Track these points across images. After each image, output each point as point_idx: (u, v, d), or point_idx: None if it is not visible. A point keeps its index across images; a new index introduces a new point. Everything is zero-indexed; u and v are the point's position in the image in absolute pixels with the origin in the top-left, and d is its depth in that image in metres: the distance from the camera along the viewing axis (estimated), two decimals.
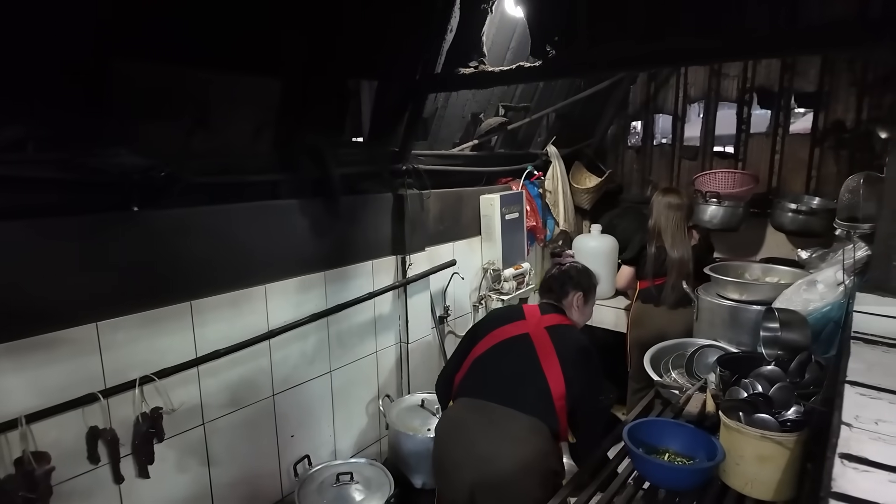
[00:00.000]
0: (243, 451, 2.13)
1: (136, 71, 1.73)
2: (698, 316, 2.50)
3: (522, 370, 1.77)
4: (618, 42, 2.00)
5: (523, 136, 3.66)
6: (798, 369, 1.68)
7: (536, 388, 1.74)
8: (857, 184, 1.63)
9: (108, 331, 1.68)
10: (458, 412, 1.84)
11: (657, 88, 4.11)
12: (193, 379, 1.93)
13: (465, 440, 1.73)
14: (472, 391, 1.83)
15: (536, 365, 1.74)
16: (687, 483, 1.49)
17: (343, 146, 2.52)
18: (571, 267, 2.12)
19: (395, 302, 2.74)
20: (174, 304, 1.85)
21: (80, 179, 1.63)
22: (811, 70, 3.47)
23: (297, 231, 2.24)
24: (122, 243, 1.70)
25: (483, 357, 1.86)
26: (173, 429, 1.85)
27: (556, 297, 2.03)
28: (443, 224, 2.95)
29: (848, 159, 3.39)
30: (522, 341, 1.82)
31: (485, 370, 1.84)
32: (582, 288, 2.05)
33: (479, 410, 1.75)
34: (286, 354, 2.25)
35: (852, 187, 1.64)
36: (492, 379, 1.80)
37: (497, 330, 1.90)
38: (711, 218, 3.46)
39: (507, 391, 1.74)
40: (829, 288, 1.88)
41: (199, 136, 1.96)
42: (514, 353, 1.81)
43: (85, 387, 1.63)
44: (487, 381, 1.81)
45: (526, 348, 1.79)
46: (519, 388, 1.75)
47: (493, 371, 1.83)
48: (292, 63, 2.10)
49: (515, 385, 1.75)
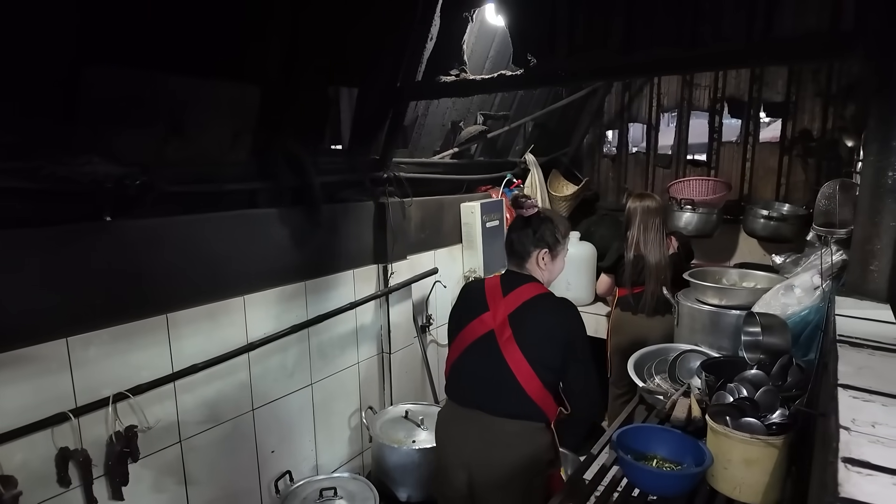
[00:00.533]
0: (222, 469, 2.06)
1: (107, 77, 1.67)
2: (679, 322, 2.53)
3: (493, 374, 1.72)
4: (598, 51, 2.03)
5: (502, 144, 3.68)
6: (780, 373, 1.71)
7: (512, 390, 1.70)
8: (832, 190, 1.67)
9: (79, 346, 1.61)
10: (449, 415, 1.83)
11: (631, 98, 4.19)
12: (170, 395, 1.85)
13: (458, 444, 1.75)
14: (457, 397, 1.81)
15: (504, 366, 1.68)
16: (677, 489, 1.49)
17: (323, 154, 2.48)
18: (534, 219, 1.79)
19: (377, 311, 2.70)
20: (149, 317, 1.78)
21: (49, 189, 1.56)
22: (779, 80, 3.59)
23: (277, 240, 2.19)
24: (93, 255, 1.64)
25: (457, 364, 1.81)
26: (149, 447, 1.78)
27: (518, 260, 1.80)
28: (424, 232, 2.93)
29: (815, 167, 3.51)
30: (488, 341, 1.73)
31: (461, 377, 1.80)
32: (546, 243, 1.78)
33: (468, 418, 1.74)
34: (266, 367, 2.19)
35: (828, 193, 1.68)
36: (471, 386, 1.76)
37: (464, 330, 1.78)
38: (686, 224, 3.52)
39: (488, 397, 1.71)
40: (806, 292, 1.92)
41: (174, 143, 1.90)
42: (483, 357, 1.74)
43: (54, 406, 1.55)
44: (468, 388, 1.77)
45: (491, 349, 1.71)
46: (498, 393, 1.71)
47: (468, 377, 1.78)
48: (270, 69, 2.06)
49: (493, 390, 1.71)
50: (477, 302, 1.79)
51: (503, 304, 1.74)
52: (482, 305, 1.77)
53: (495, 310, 1.75)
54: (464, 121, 3.22)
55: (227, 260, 2.00)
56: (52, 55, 1.53)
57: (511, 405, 1.71)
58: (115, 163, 1.64)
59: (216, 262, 1.97)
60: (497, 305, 1.75)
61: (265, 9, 1.88)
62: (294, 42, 2.05)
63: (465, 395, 1.78)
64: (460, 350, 1.79)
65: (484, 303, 1.77)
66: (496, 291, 1.77)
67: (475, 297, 1.81)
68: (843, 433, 0.78)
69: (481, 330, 1.75)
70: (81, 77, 1.60)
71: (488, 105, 3.34)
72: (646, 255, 2.97)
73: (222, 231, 1.99)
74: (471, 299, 1.83)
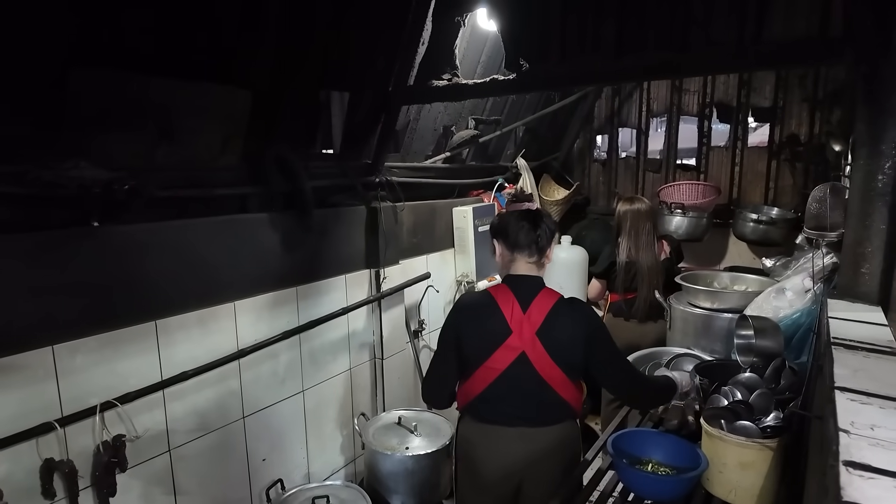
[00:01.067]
0: (212, 478, 2.02)
1: (95, 79, 1.64)
2: (671, 325, 2.54)
3: (531, 390, 1.69)
4: (589, 56, 2.04)
5: (493, 148, 3.68)
6: (773, 375, 1.72)
7: (551, 401, 1.70)
8: (823, 194, 1.69)
9: (66, 354, 1.57)
10: (483, 434, 1.73)
11: (621, 103, 4.22)
12: (159, 403, 1.82)
13: (504, 460, 1.70)
14: (492, 419, 1.71)
15: (541, 381, 1.66)
16: (673, 493, 1.49)
17: (314, 158, 2.47)
18: (540, 213, 1.75)
19: (369, 317, 2.68)
20: (138, 324, 1.75)
21: (35, 194, 1.53)
22: (766, 86, 3.63)
23: (268, 246, 2.17)
24: (80, 261, 1.60)
25: (487, 392, 1.69)
26: (137, 457, 1.74)
27: (538, 256, 1.71)
28: (416, 237, 2.92)
29: (803, 171, 3.55)
30: (521, 365, 1.65)
31: (495, 401, 1.69)
32: (554, 237, 1.76)
33: (509, 435, 1.70)
34: (257, 374, 2.16)
35: (819, 197, 1.70)
36: (508, 406, 1.69)
37: (490, 360, 1.66)
38: (677, 228, 3.55)
39: (528, 412, 1.69)
40: (797, 295, 1.94)
41: (163, 147, 1.87)
42: (518, 380, 1.67)
43: (39, 416, 1.51)
44: (506, 409, 1.69)
45: (525, 370, 1.65)
46: (537, 407, 1.70)
47: (504, 400, 1.68)
48: (261, 73, 2.05)
49: (532, 405, 1.69)
50: (494, 325, 1.65)
51: (526, 322, 1.64)
52: (503, 328, 1.65)
53: (520, 331, 1.64)
54: (455, 125, 3.22)
55: (217, 265, 1.98)
56: (38, 57, 1.51)
57: (551, 414, 1.72)
58: (103, 167, 1.61)
59: (206, 268, 1.94)
60: (521, 326, 1.64)
61: (256, 12, 1.87)
62: (285, 46, 2.03)
63: (502, 416, 1.70)
64: (489, 380, 1.67)
65: (504, 325, 1.65)
66: (514, 308, 1.65)
67: (489, 317, 1.66)
68: (842, 436, 0.78)
69: (511, 356, 1.65)
70: (68, 80, 1.58)
71: (480, 110, 3.35)
72: (638, 260, 2.96)
73: (212, 236, 1.96)
74: (485, 321, 1.67)
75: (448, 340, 1.73)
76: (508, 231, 1.71)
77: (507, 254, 1.73)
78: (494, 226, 1.80)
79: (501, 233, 1.74)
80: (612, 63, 1.98)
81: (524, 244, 1.70)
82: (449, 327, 1.74)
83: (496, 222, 1.80)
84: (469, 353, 1.69)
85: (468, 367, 1.71)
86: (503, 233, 1.73)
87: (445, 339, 1.74)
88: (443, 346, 1.75)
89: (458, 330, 1.71)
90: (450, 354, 1.72)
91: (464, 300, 1.84)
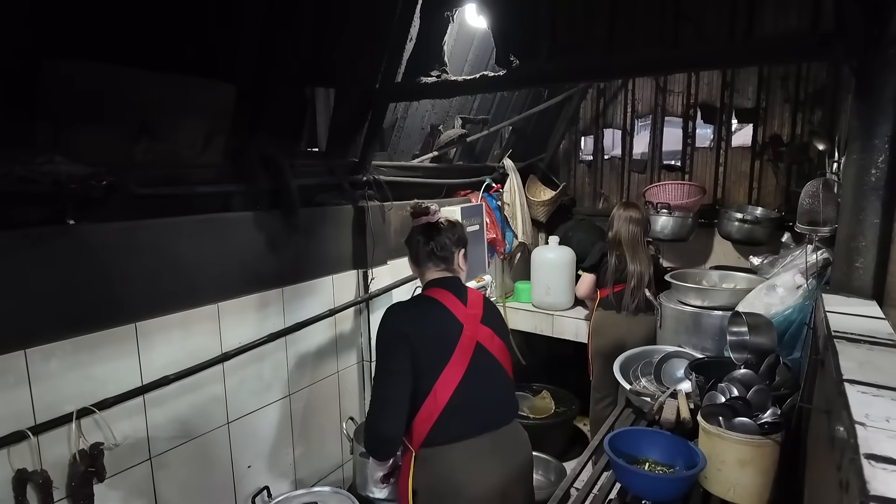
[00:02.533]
0: (195, 487, 1.94)
1: (69, 70, 1.57)
2: (662, 324, 2.53)
3: (495, 383, 1.68)
4: (580, 52, 2.02)
5: (481, 149, 3.66)
6: (767, 372, 1.71)
7: (510, 388, 1.73)
8: (816, 189, 1.69)
9: (39, 359, 1.49)
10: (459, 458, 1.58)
11: (606, 104, 4.23)
12: (139, 409, 1.74)
13: (486, 479, 1.58)
14: (463, 433, 1.59)
15: (500, 368, 1.68)
16: (672, 492, 1.46)
17: (300, 156, 2.41)
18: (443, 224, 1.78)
19: (357, 318, 2.62)
20: (116, 326, 1.68)
21: (6, 190, 1.45)
22: (749, 87, 3.67)
23: (252, 245, 2.10)
24: (55, 260, 1.52)
25: (454, 400, 1.57)
26: (116, 466, 1.66)
27: (445, 264, 1.72)
28: (404, 236, 2.85)
29: (786, 171, 3.59)
30: (480, 356, 1.63)
31: (463, 410, 1.59)
32: (463, 243, 1.78)
33: (484, 448, 1.60)
34: (241, 378, 2.09)
35: (812, 192, 1.70)
36: (477, 412, 1.62)
37: (451, 361, 1.57)
38: (663, 228, 3.55)
39: (495, 411, 1.66)
40: (788, 291, 1.94)
41: (143, 143, 1.80)
42: (481, 374, 1.62)
43: (11, 424, 1.43)
44: (475, 416, 1.61)
45: (485, 360, 1.65)
46: (501, 400, 1.69)
47: (473, 406, 1.61)
48: (245, 66, 1.99)
49: (497, 400, 1.67)
50: (446, 323, 1.61)
51: (470, 313, 1.66)
52: (455, 324, 1.61)
53: (469, 323, 1.63)
54: (443, 124, 3.19)
55: (200, 265, 1.91)
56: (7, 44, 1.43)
57: (512, 405, 1.73)
58: (78, 162, 1.54)
59: (188, 269, 1.87)
60: (467, 318, 1.64)
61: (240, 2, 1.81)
62: (269, 39, 1.98)
63: (471, 424, 1.60)
64: (453, 386, 1.57)
65: (455, 321, 1.61)
66: (455, 304, 1.64)
67: (438, 317, 1.62)
68: (859, 429, 0.76)
69: (469, 351, 1.60)
70: (41, 70, 1.50)
71: (467, 109, 3.32)
72: (629, 260, 3.00)
73: (195, 236, 1.90)
74: (436, 321, 1.62)
75: (402, 351, 1.53)
76: (411, 247, 1.79)
77: (415, 267, 1.80)
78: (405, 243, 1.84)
79: (408, 246, 1.82)
80: (603, 59, 1.97)
81: (423, 258, 1.75)
82: (396, 337, 1.55)
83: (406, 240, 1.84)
84: (425, 363, 1.55)
85: (426, 378, 1.55)
86: (409, 247, 1.81)
87: (396, 350, 1.54)
88: (395, 358, 1.54)
89: (408, 337, 1.54)
90: (406, 366, 1.53)
91: (401, 306, 1.71)
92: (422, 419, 1.56)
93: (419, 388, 1.56)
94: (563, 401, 3.66)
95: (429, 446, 1.57)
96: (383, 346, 1.59)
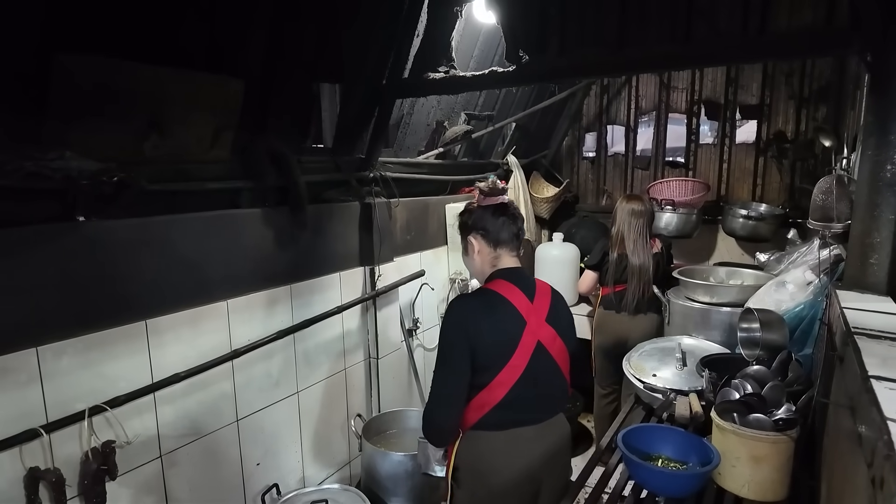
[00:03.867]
0: (205, 484, 1.94)
1: (79, 65, 1.55)
2: (670, 320, 2.53)
3: (550, 381, 1.67)
4: (590, 48, 2.01)
5: (485, 145, 3.65)
6: (780, 368, 1.71)
7: (563, 387, 1.72)
8: (829, 185, 1.69)
9: (50, 357, 1.48)
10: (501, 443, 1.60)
11: (609, 100, 4.22)
12: (149, 407, 1.73)
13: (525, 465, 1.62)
14: (512, 423, 1.61)
15: (556, 368, 1.66)
16: (686, 488, 1.46)
17: (307, 152, 2.39)
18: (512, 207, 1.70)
19: (364, 316, 2.62)
20: (126, 324, 1.66)
21: (16, 186, 1.44)
22: (753, 83, 3.67)
23: (261, 242, 2.09)
24: (65, 258, 1.51)
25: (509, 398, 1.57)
26: (127, 464, 1.65)
27: (516, 250, 1.68)
28: (410, 234, 2.86)
29: (790, 168, 3.59)
30: (539, 355, 1.60)
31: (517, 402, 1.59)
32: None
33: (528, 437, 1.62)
34: (250, 376, 2.08)
35: (825, 188, 1.69)
36: (529, 404, 1.62)
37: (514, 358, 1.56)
38: (667, 225, 3.55)
39: (545, 406, 1.67)
40: (799, 288, 1.94)
41: (152, 139, 1.78)
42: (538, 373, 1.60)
43: (22, 422, 1.42)
44: (527, 408, 1.62)
45: (544, 360, 1.62)
46: (553, 397, 1.70)
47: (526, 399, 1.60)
48: (252, 63, 1.97)
49: (549, 397, 1.68)
50: (510, 319, 1.58)
51: (535, 311, 1.61)
52: (519, 321, 1.58)
53: (532, 321, 1.60)
54: (448, 121, 3.18)
55: (209, 263, 1.90)
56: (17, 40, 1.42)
57: (560, 404, 1.74)
58: (89, 158, 1.52)
59: (198, 266, 1.86)
60: (531, 316, 1.60)
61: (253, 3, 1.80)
62: (277, 36, 1.97)
63: (521, 418, 1.61)
64: (512, 382, 1.56)
65: (519, 317, 1.58)
66: (521, 299, 1.60)
67: (503, 313, 1.58)
68: (892, 426, 0.75)
69: (529, 349, 1.58)
70: (52, 65, 1.49)
71: (472, 105, 3.31)
72: (629, 254, 2.98)
73: (204, 232, 1.88)
74: (500, 317, 1.57)
75: (461, 349, 1.51)
76: (488, 227, 1.64)
77: (489, 250, 1.66)
78: (469, 222, 1.68)
79: (481, 229, 1.65)
80: (614, 55, 1.95)
81: (507, 239, 1.64)
82: (458, 334, 1.52)
83: (471, 219, 1.68)
84: (484, 361, 1.53)
85: (484, 374, 1.54)
86: (482, 229, 1.65)
87: (456, 348, 1.52)
88: (455, 356, 1.52)
89: (469, 334, 1.51)
90: (465, 366, 1.52)
91: (466, 300, 1.67)
92: (474, 408, 1.58)
93: (475, 381, 1.56)
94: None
95: (476, 430, 1.60)
96: (446, 340, 1.56)
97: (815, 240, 2.07)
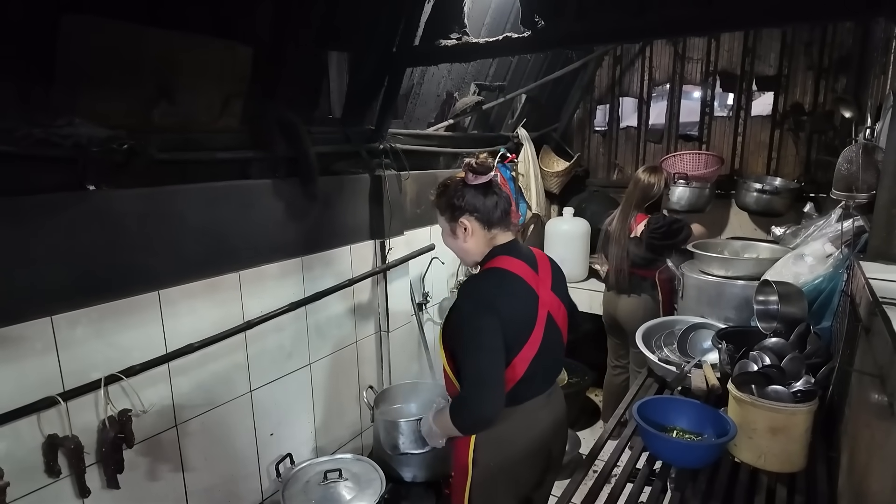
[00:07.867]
0: (220, 453, 1.96)
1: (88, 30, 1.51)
2: (684, 294, 2.50)
3: (557, 354, 1.69)
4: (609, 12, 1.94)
5: (495, 117, 3.58)
6: (798, 341, 1.69)
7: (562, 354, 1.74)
8: (854, 155, 1.64)
9: (65, 326, 1.48)
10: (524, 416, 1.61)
11: (622, 72, 4.12)
12: (164, 377, 1.74)
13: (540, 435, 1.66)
14: (533, 393, 1.61)
15: (561, 341, 1.69)
16: (703, 459, 1.46)
17: (316, 122, 2.35)
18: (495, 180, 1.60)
19: (374, 289, 2.61)
20: (139, 294, 1.66)
21: (25, 153, 1.41)
22: (771, 54, 3.57)
23: (272, 214, 2.07)
24: (75, 227, 1.49)
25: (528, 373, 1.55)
26: (143, 433, 1.67)
27: (509, 225, 1.63)
28: (420, 207, 2.83)
29: (806, 140, 3.52)
30: (550, 328, 1.59)
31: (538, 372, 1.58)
32: None
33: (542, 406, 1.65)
34: (263, 347, 2.08)
35: (850, 158, 1.65)
36: (544, 374, 1.63)
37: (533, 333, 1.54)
38: (679, 199, 3.50)
39: (553, 377, 1.71)
40: (818, 260, 1.90)
41: (162, 106, 1.75)
42: (551, 346, 1.60)
43: (40, 390, 1.42)
44: (542, 378, 1.63)
45: (554, 334, 1.62)
46: (559, 367, 1.75)
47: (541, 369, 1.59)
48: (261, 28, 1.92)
49: (557, 367, 1.73)
50: (526, 295, 1.55)
51: (542, 282, 1.60)
52: (533, 295, 1.55)
53: (541, 292, 1.58)
54: (459, 91, 3.11)
55: (221, 234, 1.88)
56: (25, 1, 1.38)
57: (561, 367, 1.77)
58: (98, 125, 1.50)
59: (209, 236, 1.85)
60: (539, 287, 1.58)
61: None
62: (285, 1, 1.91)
63: (535, 390, 1.61)
64: (531, 358, 1.53)
65: (531, 291, 1.55)
66: (529, 273, 1.57)
67: (519, 289, 1.54)
68: None
69: (543, 322, 1.56)
70: (59, 28, 1.45)
71: (483, 75, 3.24)
72: (611, 231, 3.03)
73: (215, 202, 1.86)
74: (518, 294, 1.54)
75: (493, 328, 1.44)
76: (480, 207, 1.55)
77: (483, 231, 1.58)
78: (461, 203, 1.55)
79: (474, 210, 1.55)
80: (634, 19, 1.89)
81: (500, 218, 1.58)
82: (486, 317, 1.44)
83: (462, 200, 1.55)
84: (511, 338, 1.48)
85: (508, 353, 1.49)
86: (476, 210, 1.55)
87: (488, 327, 1.43)
88: (488, 337, 1.43)
89: (498, 315, 1.44)
90: (499, 346, 1.45)
91: (481, 283, 1.56)
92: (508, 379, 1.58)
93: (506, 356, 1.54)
94: (575, 372, 3.67)
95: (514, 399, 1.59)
96: (473, 320, 1.45)
97: (833, 212, 2.02)
